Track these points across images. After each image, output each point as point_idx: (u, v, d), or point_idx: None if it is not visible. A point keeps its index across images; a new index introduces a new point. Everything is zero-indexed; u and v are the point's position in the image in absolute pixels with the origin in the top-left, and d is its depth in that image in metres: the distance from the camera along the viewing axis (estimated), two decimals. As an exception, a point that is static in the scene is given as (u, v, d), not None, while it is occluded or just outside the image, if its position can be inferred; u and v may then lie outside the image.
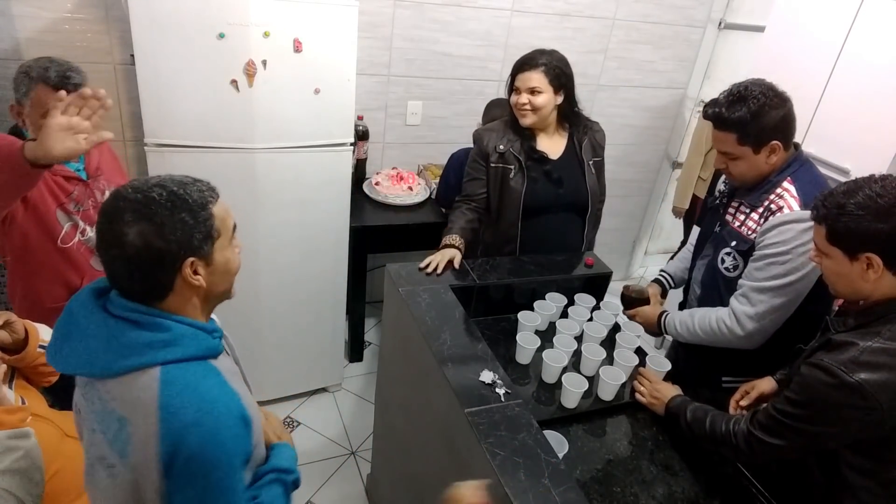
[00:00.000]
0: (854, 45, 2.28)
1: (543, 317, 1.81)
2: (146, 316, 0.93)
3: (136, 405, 0.90)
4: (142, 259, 0.90)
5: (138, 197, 0.91)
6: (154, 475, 0.89)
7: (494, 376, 1.43)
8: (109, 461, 0.94)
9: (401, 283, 1.79)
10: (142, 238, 0.89)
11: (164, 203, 0.91)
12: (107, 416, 0.92)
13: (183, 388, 0.90)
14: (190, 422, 0.88)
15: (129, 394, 0.90)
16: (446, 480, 1.41)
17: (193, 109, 2.02)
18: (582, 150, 2.07)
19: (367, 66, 2.69)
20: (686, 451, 1.53)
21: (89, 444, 0.98)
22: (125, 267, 0.91)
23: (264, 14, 1.97)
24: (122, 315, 0.92)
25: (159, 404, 0.88)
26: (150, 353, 0.91)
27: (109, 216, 0.91)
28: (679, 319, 1.73)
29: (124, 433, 0.91)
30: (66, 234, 1.67)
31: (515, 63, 1.98)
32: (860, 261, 1.19)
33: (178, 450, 0.88)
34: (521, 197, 2.00)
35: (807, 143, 2.45)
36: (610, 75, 3.19)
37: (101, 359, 0.91)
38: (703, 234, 1.84)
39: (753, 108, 1.47)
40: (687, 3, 3.13)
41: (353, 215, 2.49)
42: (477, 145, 2.08)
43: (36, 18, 2.12)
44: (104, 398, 0.93)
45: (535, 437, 1.28)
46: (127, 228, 0.89)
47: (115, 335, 0.91)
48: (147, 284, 0.93)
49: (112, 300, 0.94)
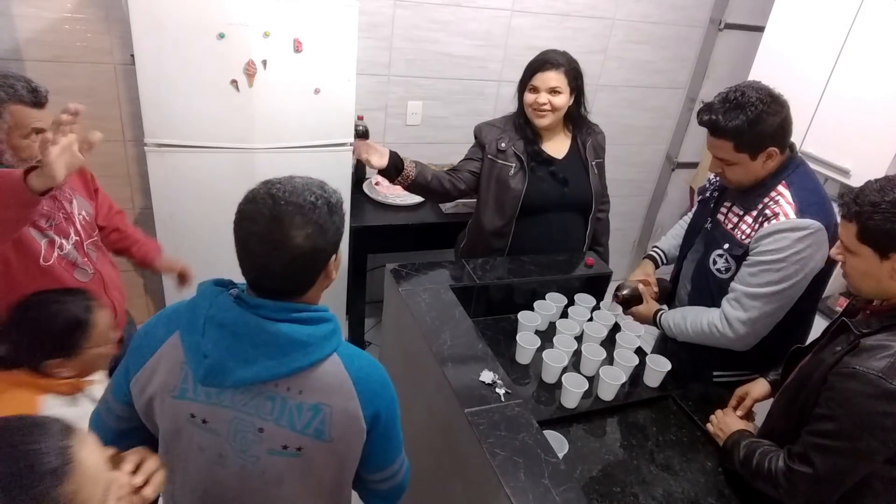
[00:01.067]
0: (854, 45, 2.28)
1: (543, 317, 1.81)
2: (309, 313, 1.01)
3: (330, 390, 1.01)
4: (305, 259, 0.98)
5: (299, 201, 0.96)
6: (357, 439, 1.04)
7: (494, 376, 1.43)
8: (296, 446, 1.02)
9: (401, 283, 1.79)
10: (310, 240, 0.96)
11: (322, 207, 0.98)
12: (292, 409, 1.00)
13: (357, 360, 1.05)
14: (377, 385, 1.06)
15: (320, 382, 1.01)
16: (446, 480, 1.41)
17: (193, 109, 2.03)
18: (586, 151, 2.07)
19: (367, 66, 2.69)
20: (686, 451, 1.53)
21: (254, 444, 1.02)
22: (286, 267, 0.97)
23: (264, 14, 1.97)
24: (293, 318, 0.99)
25: (353, 381, 1.02)
26: (329, 343, 1.02)
27: (277, 221, 0.95)
28: (673, 321, 1.73)
29: (320, 416, 1.01)
30: (46, 252, 1.58)
31: (534, 62, 1.97)
32: (891, 260, 1.14)
33: (378, 410, 1.05)
34: (521, 197, 2.00)
35: (807, 143, 2.45)
36: (610, 75, 3.19)
37: (293, 360, 0.98)
38: (694, 227, 1.83)
39: (751, 116, 1.44)
40: (687, 3, 3.13)
41: (353, 215, 2.49)
42: (477, 137, 2.08)
43: (36, 18, 2.12)
44: (284, 395, 1.00)
45: (535, 437, 1.28)
46: (295, 231, 0.95)
47: (295, 339, 0.98)
48: (301, 282, 1.02)
49: (264, 305, 0.99)
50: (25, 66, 2.16)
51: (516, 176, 2.00)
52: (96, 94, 2.29)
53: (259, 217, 0.95)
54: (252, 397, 1.00)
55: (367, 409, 1.03)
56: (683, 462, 1.50)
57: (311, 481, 1.07)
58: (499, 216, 2.04)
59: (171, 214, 2.16)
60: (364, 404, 1.03)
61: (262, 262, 0.97)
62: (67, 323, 1.33)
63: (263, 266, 0.98)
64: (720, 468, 1.48)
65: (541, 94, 1.93)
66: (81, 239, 1.67)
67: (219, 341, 0.98)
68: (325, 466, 1.06)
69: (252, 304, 0.99)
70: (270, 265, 0.97)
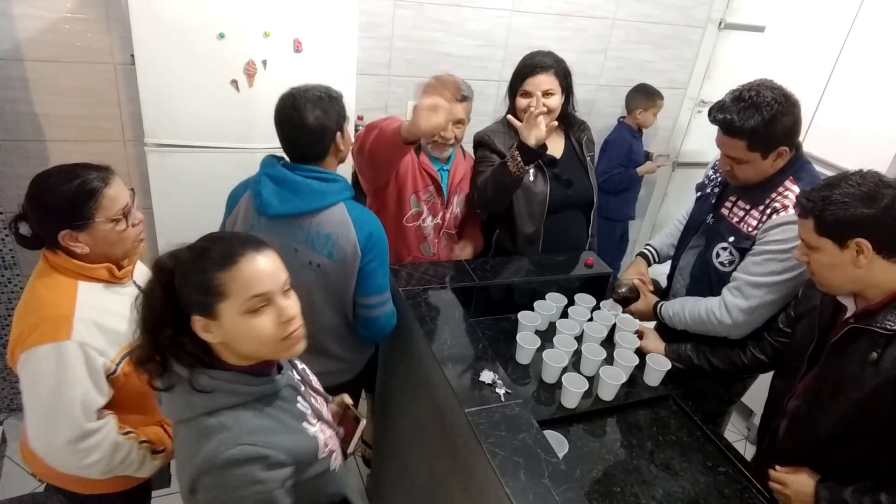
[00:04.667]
0: (854, 45, 2.28)
1: (543, 317, 1.81)
2: (325, 174, 1.54)
3: (339, 224, 1.52)
4: (317, 133, 1.50)
5: (310, 95, 1.50)
6: (354, 259, 1.53)
7: (494, 376, 1.43)
8: (316, 262, 1.54)
9: (401, 283, 1.79)
10: (318, 120, 1.49)
11: (325, 98, 1.52)
12: (316, 236, 1.53)
13: (357, 208, 1.56)
14: (370, 226, 1.55)
15: (332, 218, 1.52)
16: (446, 480, 1.41)
17: (193, 109, 2.02)
18: (583, 149, 2.07)
19: (367, 66, 2.69)
20: (686, 451, 1.53)
21: (292, 260, 1.44)
22: (306, 139, 1.51)
23: (264, 14, 1.97)
24: (314, 176, 1.52)
25: (352, 221, 1.53)
26: (338, 194, 1.54)
27: (296, 109, 1.48)
28: (672, 310, 1.75)
29: (331, 242, 1.52)
30: (411, 215, 2.00)
31: (523, 67, 1.96)
32: (850, 248, 1.20)
33: (369, 236, 1.54)
34: (547, 199, 2.00)
35: (807, 143, 2.45)
36: (610, 75, 3.18)
37: (313, 201, 1.51)
38: (692, 223, 1.83)
39: (767, 116, 1.45)
40: (687, 3, 3.13)
41: (354, 215, 2.49)
42: (487, 145, 2.03)
43: (36, 18, 2.12)
44: (309, 227, 1.52)
45: (535, 437, 1.28)
46: (307, 114, 1.48)
47: (315, 189, 1.51)
48: (318, 150, 1.54)
49: (298, 168, 1.52)
50: (25, 66, 2.16)
51: (537, 180, 1.99)
52: (96, 94, 2.29)
53: (285, 108, 1.51)
54: (290, 227, 1.53)
55: (361, 235, 1.52)
56: (683, 462, 1.50)
57: (328, 291, 1.57)
58: (531, 222, 2.04)
59: (170, 214, 2.16)
60: (359, 233, 1.52)
61: (291, 136, 1.53)
62: (76, 192, 1.25)
63: (292, 139, 1.53)
64: (720, 468, 1.48)
65: (534, 98, 1.93)
66: (442, 224, 2.07)
67: (268, 187, 1.51)
68: (335, 280, 1.56)
69: (291, 167, 1.53)
70: (296, 138, 1.52)
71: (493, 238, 2.16)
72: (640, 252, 2.04)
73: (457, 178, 2.08)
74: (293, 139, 1.52)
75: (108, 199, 1.27)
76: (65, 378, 1.20)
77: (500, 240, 2.14)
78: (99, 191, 1.26)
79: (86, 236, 1.26)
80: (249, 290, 0.98)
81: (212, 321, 0.98)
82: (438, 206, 2.04)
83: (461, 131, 2.00)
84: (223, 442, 0.95)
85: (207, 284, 0.97)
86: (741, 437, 2.93)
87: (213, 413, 0.99)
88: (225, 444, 0.95)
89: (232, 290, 0.97)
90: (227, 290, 0.97)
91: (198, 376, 0.99)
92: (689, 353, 1.71)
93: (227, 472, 0.94)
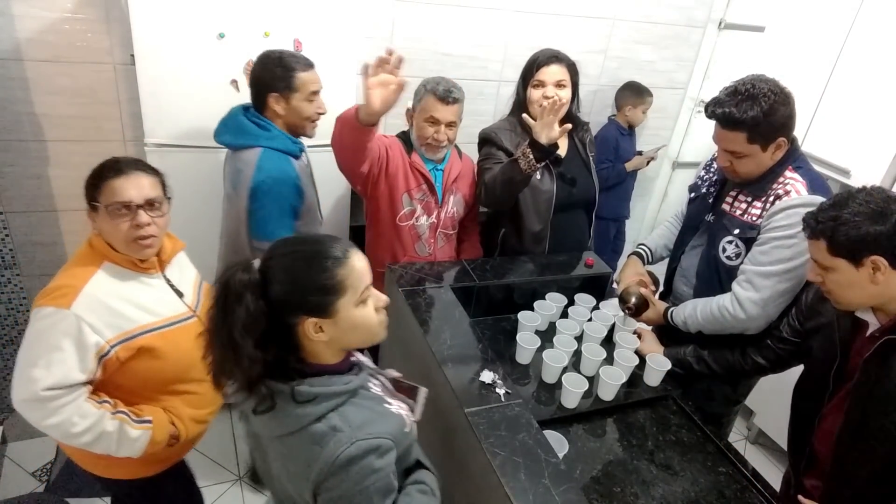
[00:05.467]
0: (854, 45, 2.28)
1: (543, 317, 1.81)
2: (263, 120, 1.78)
3: (247, 163, 1.73)
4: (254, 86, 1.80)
5: (269, 54, 1.77)
6: (244, 197, 1.74)
7: (494, 376, 1.43)
8: (230, 194, 1.81)
9: (401, 283, 1.79)
10: (255, 75, 1.78)
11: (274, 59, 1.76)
12: (235, 171, 1.77)
13: (268, 158, 1.74)
14: (268, 173, 1.72)
15: (245, 156, 1.74)
16: (446, 480, 1.41)
17: (193, 109, 2.02)
18: (586, 148, 2.07)
19: (367, 66, 2.69)
20: (686, 451, 1.53)
21: (225, 192, 1.86)
22: (252, 87, 1.80)
23: (264, 14, 1.97)
24: (253, 119, 1.77)
25: (257, 163, 1.72)
26: (262, 140, 1.76)
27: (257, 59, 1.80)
28: (685, 314, 1.72)
29: (241, 176, 1.74)
30: (404, 214, 2.00)
31: (540, 57, 1.96)
32: (866, 266, 1.19)
33: (261, 182, 1.71)
34: (553, 197, 1.99)
35: (807, 143, 2.46)
36: (610, 75, 3.18)
37: (237, 137, 1.78)
38: (691, 223, 1.83)
39: (765, 106, 1.46)
40: (687, 3, 3.13)
41: (353, 215, 2.48)
42: (493, 142, 2.02)
43: (36, 18, 2.12)
44: (234, 162, 1.78)
45: (535, 437, 1.28)
46: (254, 67, 1.79)
47: (244, 128, 1.76)
48: (256, 101, 1.80)
49: (249, 112, 1.80)
50: (25, 66, 2.16)
51: (543, 178, 1.99)
52: (96, 94, 2.29)
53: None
54: (229, 160, 1.82)
55: (257, 177, 1.71)
56: (683, 462, 1.50)
57: (228, 221, 1.84)
58: (538, 220, 2.04)
59: (170, 214, 2.16)
60: (256, 175, 1.71)
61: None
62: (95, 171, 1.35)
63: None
64: (720, 468, 1.48)
65: (548, 88, 1.93)
66: (437, 224, 2.07)
67: (226, 122, 1.82)
68: (232, 213, 1.81)
69: (246, 108, 1.82)
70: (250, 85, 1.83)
71: (499, 237, 2.15)
72: (634, 252, 2.02)
73: (451, 177, 2.07)
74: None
75: (110, 189, 1.32)
76: (50, 339, 1.25)
77: (506, 238, 2.14)
78: (106, 178, 1.32)
79: (96, 217, 1.35)
80: (363, 282, 1.04)
81: (326, 320, 1.00)
82: (432, 206, 2.04)
83: (453, 133, 1.98)
84: (340, 443, 0.98)
85: (329, 283, 1.00)
86: (741, 438, 2.93)
87: (319, 419, 1.00)
88: (342, 445, 0.97)
89: (349, 284, 1.01)
90: (345, 286, 1.01)
91: (299, 388, 1.00)
92: (689, 358, 1.70)
93: (349, 469, 0.97)
